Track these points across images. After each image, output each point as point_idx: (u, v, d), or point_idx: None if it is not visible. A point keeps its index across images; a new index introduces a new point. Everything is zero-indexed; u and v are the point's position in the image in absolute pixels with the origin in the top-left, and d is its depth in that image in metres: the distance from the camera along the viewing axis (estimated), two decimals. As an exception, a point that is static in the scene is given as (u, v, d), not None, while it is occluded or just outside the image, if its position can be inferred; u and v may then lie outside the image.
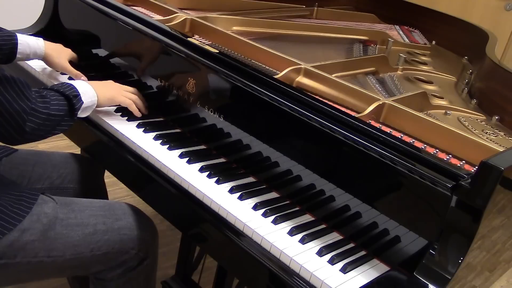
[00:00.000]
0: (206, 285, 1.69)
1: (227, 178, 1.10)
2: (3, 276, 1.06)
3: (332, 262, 0.91)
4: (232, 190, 1.06)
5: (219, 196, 1.04)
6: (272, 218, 1.00)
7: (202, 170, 1.11)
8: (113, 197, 2.05)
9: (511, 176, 0.84)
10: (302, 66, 1.24)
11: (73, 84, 1.15)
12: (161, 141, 1.20)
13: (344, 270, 0.90)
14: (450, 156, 1.01)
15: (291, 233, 0.96)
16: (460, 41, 1.99)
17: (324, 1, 2.11)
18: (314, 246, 0.95)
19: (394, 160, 0.90)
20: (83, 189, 1.39)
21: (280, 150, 1.08)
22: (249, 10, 1.83)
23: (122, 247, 1.16)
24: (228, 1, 1.81)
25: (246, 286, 1.37)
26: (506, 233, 1.02)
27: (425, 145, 1.04)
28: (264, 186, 1.10)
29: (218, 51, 1.22)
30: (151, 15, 1.55)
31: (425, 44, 1.99)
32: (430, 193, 0.86)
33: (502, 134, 1.23)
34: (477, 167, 0.82)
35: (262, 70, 1.28)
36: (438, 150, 1.02)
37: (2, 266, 1.02)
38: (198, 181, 1.07)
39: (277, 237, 0.95)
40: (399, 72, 1.56)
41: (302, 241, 0.95)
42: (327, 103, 1.08)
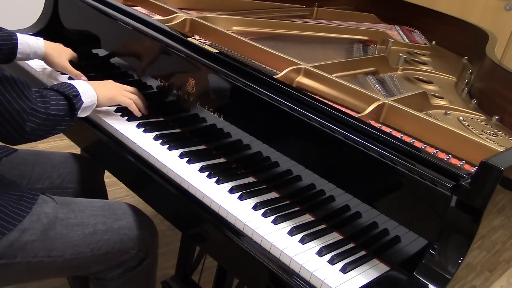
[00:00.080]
0: (206, 285, 1.69)
1: (227, 178, 1.10)
2: (3, 276, 1.06)
3: (332, 262, 0.91)
4: (232, 190, 1.06)
5: (219, 196, 1.04)
6: (272, 218, 1.00)
7: (202, 170, 1.11)
8: (113, 197, 2.05)
9: (511, 176, 0.84)
10: (302, 66, 1.24)
11: (73, 84, 1.15)
12: (161, 141, 1.20)
13: (344, 270, 0.90)
14: (450, 156, 1.01)
15: (291, 233, 0.96)
16: (460, 41, 1.98)
17: (324, 1, 2.11)
18: (314, 246, 0.95)
19: (394, 160, 0.90)
20: (83, 189, 1.39)
21: (280, 150, 1.08)
22: (249, 10, 1.83)
23: (122, 247, 1.16)
24: (228, 1, 1.81)
25: (246, 286, 1.37)
26: (506, 233, 1.02)
27: (425, 145, 1.04)
28: (264, 186, 1.10)
29: (218, 51, 1.22)
30: (151, 15, 1.55)
31: (425, 44, 1.99)
32: (430, 193, 0.86)
33: (502, 134, 1.23)
34: (477, 167, 0.82)
35: (262, 70, 1.28)
36: (438, 150, 1.02)
37: (2, 266, 1.02)
38: (198, 181, 1.07)
39: (277, 237, 0.95)
40: (399, 72, 1.56)
41: (302, 241, 0.95)
42: (327, 103, 1.08)
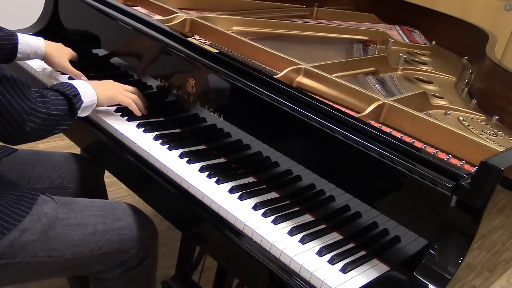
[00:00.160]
0: (206, 285, 1.69)
1: (227, 178, 1.10)
2: (3, 276, 1.06)
3: (332, 262, 0.91)
4: (232, 190, 1.06)
5: (219, 196, 1.04)
6: (272, 218, 1.00)
7: (202, 170, 1.11)
8: (113, 197, 2.05)
9: (511, 176, 0.84)
10: (302, 66, 1.24)
11: (72, 83, 1.15)
12: (161, 141, 1.20)
13: (344, 270, 0.90)
14: (450, 156, 1.01)
15: (291, 233, 0.96)
16: (460, 41, 1.98)
17: (324, 1, 2.11)
18: (314, 246, 0.95)
19: (394, 160, 0.90)
20: (83, 189, 1.39)
21: (280, 150, 1.08)
22: (249, 10, 1.83)
23: (122, 247, 1.16)
24: (228, 1, 1.81)
25: (246, 286, 1.37)
26: (506, 233, 1.02)
27: (425, 145, 1.04)
28: (264, 186, 1.10)
29: (218, 51, 1.22)
30: (151, 15, 1.55)
31: (425, 44, 1.99)
32: (430, 193, 0.86)
33: (502, 134, 1.23)
34: (477, 167, 0.82)
35: (262, 70, 1.28)
36: (438, 150, 1.02)
37: (2, 266, 1.02)
38: (198, 181, 1.07)
39: (277, 237, 0.95)
40: (399, 72, 1.56)
41: (302, 241, 0.95)
42: (327, 103, 1.08)
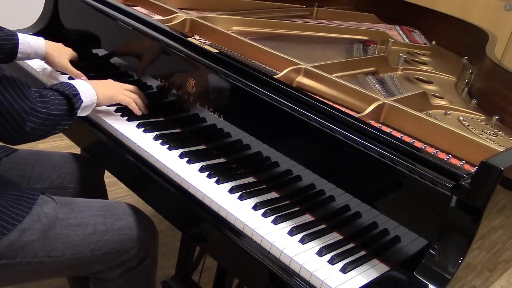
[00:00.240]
0: (206, 285, 1.69)
1: (227, 178, 1.10)
2: (3, 276, 1.06)
3: (332, 262, 0.91)
4: (232, 190, 1.06)
5: (219, 196, 1.04)
6: (272, 218, 1.00)
7: (202, 170, 1.11)
8: (113, 197, 2.05)
9: (511, 176, 0.84)
10: (302, 66, 1.24)
11: (72, 83, 1.15)
12: (161, 141, 1.20)
13: (344, 270, 0.90)
14: (450, 156, 1.01)
15: (291, 233, 0.96)
16: (460, 41, 1.98)
17: (324, 1, 2.11)
18: (314, 246, 0.95)
19: (394, 160, 0.90)
20: (83, 189, 1.39)
21: (280, 150, 1.08)
22: (249, 10, 1.83)
23: (122, 247, 1.16)
24: (228, 1, 1.81)
25: (246, 286, 1.37)
26: (506, 233, 1.02)
27: (425, 145, 1.04)
28: (264, 186, 1.10)
29: (218, 51, 1.22)
30: (151, 15, 1.55)
31: (425, 44, 1.99)
32: (430, 193, 0.86)
33: (502, 134, 1.23)
34: (477, 167, 0.82)
35: (262, 70, 1.28)
36: (438, 150, 1.02)
37: (2, 266, 1.02)
38: (198, 181, 1.07)
39: (277, 237, 0.95)
40: (399, 72, 1.56)
41: (302, 241, 0.95)
42: (327, 103, 1.08)
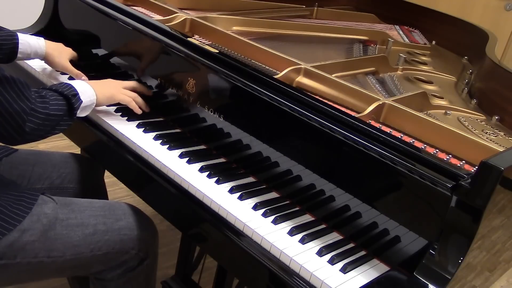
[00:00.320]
0: (206, 285, 1.69)
1: (227, 178, 1.10)
2: (3, 276, 1.06)
3: (332, 262, 0.91)
4: (232, 190, 1.06)
5: (219, 196, 1.04)
6: (272, 218, 1.00)
7: (202, 170, 1.11)
8: (113, 197, 2.05)
9: (511, 176, 0.84)
10: (302, 66, 1.24)
11: (71, 83, 1.15)
12: (161, 141, 1.20)
13: (344, 270, 0.90)
14: (450, 156, 1.01)
15: (291, 233, 0.96)
16: (460, 41, 1.98)
17: (324, 1, 2.11)
18: (314, 246, 0.95)
19: (394, 160, 0.90)
20: (83, 189, 1.39)
21: (280, 150, 1.08)
22: (249, 10, 1.83)
23: (122, 247, 1.16)
24: (228, 1, 1.81)
25: (246, 286, 1.37)
26: (506, 233, 1.02)
27: (425, 145, 1.04)
28: (264, 186, 1.10)
29: (218, 51, 1.22)
30: (151, 15, 1.55)
31: (425, 44, 1.99)
32: (430, 193, 0.86)
33: (502, 134, 1.23)
34: (477, 167, 0.82)
35: (262, 70, 1.28)
36: (438, 150, 1.02)
37: (2, 267, 1.02)
38: (198, 181, 1.07)
39: (277, 237, 0.95)
40: (399, 72, 1.56)
41: (302, 241, 0.95)
42: (327, 103, 1.08)
